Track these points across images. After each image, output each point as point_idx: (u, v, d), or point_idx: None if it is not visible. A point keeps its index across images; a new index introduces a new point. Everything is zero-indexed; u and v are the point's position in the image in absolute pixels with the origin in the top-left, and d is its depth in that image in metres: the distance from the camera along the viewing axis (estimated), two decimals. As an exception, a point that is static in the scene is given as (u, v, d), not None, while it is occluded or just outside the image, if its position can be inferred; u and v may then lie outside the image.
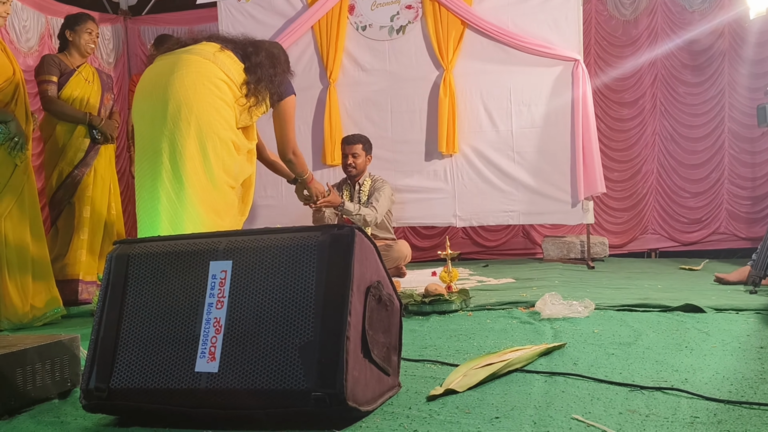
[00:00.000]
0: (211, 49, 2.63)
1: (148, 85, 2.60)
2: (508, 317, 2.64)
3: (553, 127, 4.73)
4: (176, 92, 2.49)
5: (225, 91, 2.57)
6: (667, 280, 3.82)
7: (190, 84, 2.50)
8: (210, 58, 2.59)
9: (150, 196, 2.48)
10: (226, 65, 2.61)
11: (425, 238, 5.74)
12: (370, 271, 1.49)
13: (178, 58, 2.58)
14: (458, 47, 4.81)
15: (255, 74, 2.65)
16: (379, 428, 1.33)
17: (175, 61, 2.58)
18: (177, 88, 2.49)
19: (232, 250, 1.49)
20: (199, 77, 2.52)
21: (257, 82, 2.65)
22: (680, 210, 5.62)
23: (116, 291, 1.52)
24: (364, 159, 4.44)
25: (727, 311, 2.59)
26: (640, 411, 1.39)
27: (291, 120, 2.87)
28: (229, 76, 2.60)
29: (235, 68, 2.63)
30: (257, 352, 1.37)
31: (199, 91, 2.50)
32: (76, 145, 3.65)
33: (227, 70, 2.60)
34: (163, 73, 2.57)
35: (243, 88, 2.63)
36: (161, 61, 2.64)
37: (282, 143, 2.90)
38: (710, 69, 5.51)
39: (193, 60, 2.57)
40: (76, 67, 3.70)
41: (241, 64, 2.66)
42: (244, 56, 2.68)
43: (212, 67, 2.57)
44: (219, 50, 2.63)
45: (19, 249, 3.11)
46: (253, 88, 2.64)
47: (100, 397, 1.44)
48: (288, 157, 2.96)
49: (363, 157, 4.43)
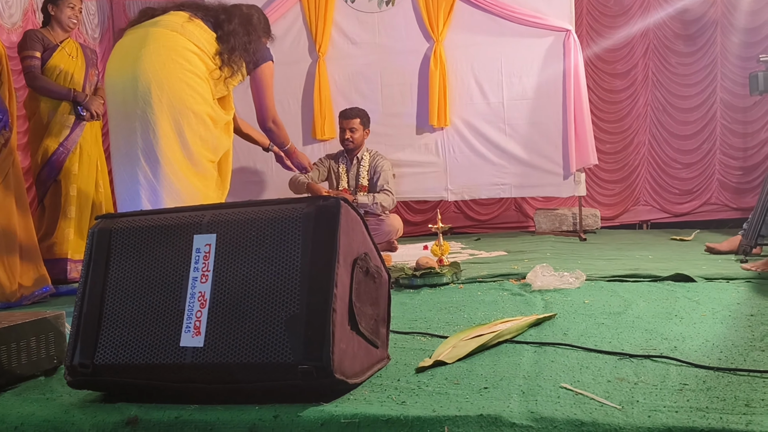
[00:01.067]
0: (179, 19, 2.54)
1: (117, 61, 2.53)
2: (499, 289, 2.64)
3: (545, 99, 4.70)
4: (145, 70, 2.42)
5: (196, 63, 2.50)
6: (658, 250, 3.82)
7: (159, 60, 2.43)
8: (178, 29, 2.50)
9: (129, 177, 2.44)
10: (195, 36, 2.52)
11: (417, 213, 5.73)
12: (357, 243, 1.47)
13: (145, 32, 2.50)
14: (448, 19, 4.74)
15: (228, 43, 2.56)
16: (368, 400, 1.32)
17: (143, 35, 2.50)
18: (146, 65, 2.42)
19: (216, 224, 1.46)
20: (167, 51, 2.45)
21: (231, 52, 2.56)
22: (672, 181, 5.61)
23: (99, 266, 1.49)
24: (362, 133, 4.42)
25: (718, 280, 2.60)
26: (628, 379, 1.39)
27: (269, 87, 2.78)
28: (200, 47, 2.52)
29: (205, 38, 2.55)
30: (243, 325, 1.36)
31: (168, 66, 2.43)
32: (60, 122, 3.59)
33: (197, 41, 2.51)
34: (131, 49, 2.49)
35: (216, 58, 2.55)
36: (129, 36, 2.56)
37: (261, 112, 2.81)
38: (702, 38, 5.47)
39: (160, 33, 2.49)
40: (60, 42, 3.63)
41: (212, 33, 2.57)
42: (216, 24, 2.59)
43: (180, 39, 2.48)
44: (187, 20, 2.54)
45: (6, 228, 3.08)
46: (227, 58, 2.56)
47: (85, 373, 1.42)
48: (267, 126, 2.87)
49: (361, 132, 4.40)
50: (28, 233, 3.22)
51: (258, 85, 2.76)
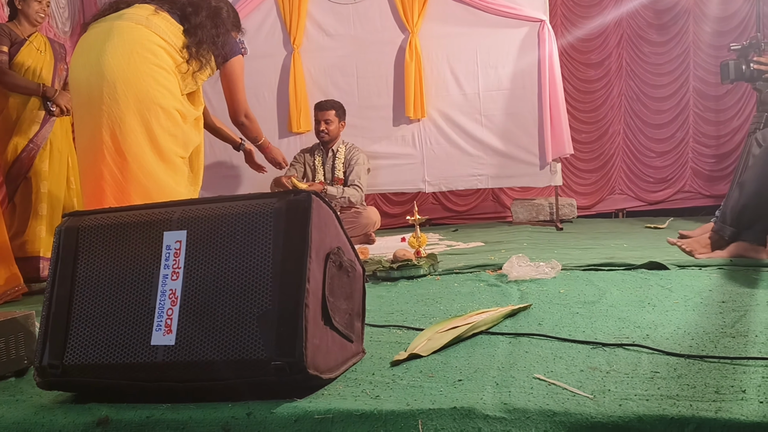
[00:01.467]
0: (145, 12, 2.49)
1: (81, 56, 2.47)
2: (475, 280, 2.64)
3: (520, 90, 4.72)
4: (110, 65, 2.37)
5: (163, 57, 2.45)
6: (633, 239, 3.87)
7: (123, 54, 2.38)
8: (143, 22, 2.45)
9: (93, 174, 2.40)
10: (161, 29, 2.47)
11: (396, 205, 5.73)
12: (330, 238, 1.46)
13: (110, 26, 2.45)
14: (423, 10, 4.74)
15: (195, 36, 2.52)
16: (342, 395, 1.32)
17: (107, 29, 2.44)
18: (110, 61, 2.37)
19: (187, 220, 1.44)
20: (132, 46, 2.40)
21: (198, 45, 2.52)
22: (646, 170, 5.68)
23: (66, 265, 1.46)
24: (338, 125, 4.41)
25: (690, 267, 2.62)
26: (601, 368, 1.40)
27: (240, 81, 2.74)
28: (166, 40, 2.47)
29: (172, 31, 2.50)
30: (215, 322, 1.34)
31: (133, 61, 2.38)
32: (30, 118, 3.53)
33: (163, 34, 2.46)
34: (95, 43, 2.44)
35: (183, 52, 2.50)
36: (94, 30, 2.50)
37: (232, 106, 2.79)
38: (675, 27, 5.52)
39: (125, 27, 2.43)
40: (27, 36, 3.56)
41: (179, 26, 2.52)
42: (183, 17, 2.54)
43: (146, 32, 2.43)
44: (153, 13, 2.49)
45: (-25, 226, 3.02)
46: (195, 51, 2.51)
47: (54, 374, 1.40)
48: (240, 120, 2.84)
49: (336, 123, 4.39)
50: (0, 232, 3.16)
51: (228, 80, 2.73)
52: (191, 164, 2.70)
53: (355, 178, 4.35)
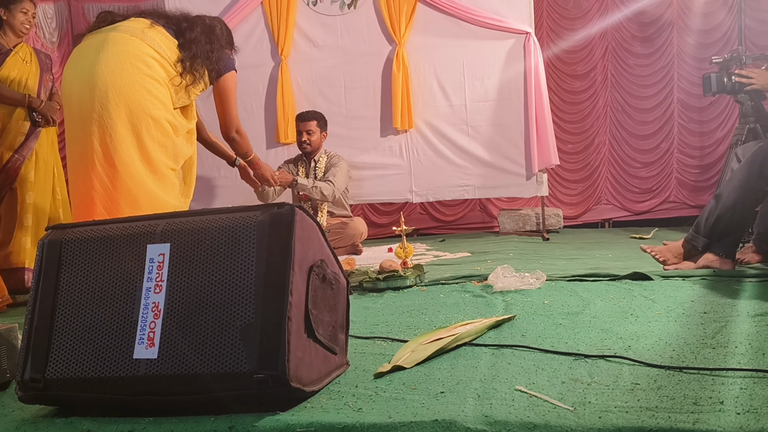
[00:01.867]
0: (140, 25, 2.52)
1: (75, 66, 2.49)
2: (461, 291, 2.65)
3: (507, 101, 4.75)
4: (102, 74, 2.38)
5: (155, 68, 2.47)
6: (618, 249, 3.89)
7: (117, 64, 2.40)
8: (138, 35, 2.48)
9: (83, 183, 2.40)
10: (156, 42, 2.49)
11: (383, 215, 5.74)
12: (313, 250, 1.47)
13: (104, 37, 2.47)
14: (410, 21, 4.77)
15: (189, 50, 2.55)
16: (324, 408, 1.32)
17: (102, 40, 2.46)
18: (103, 70, 2.39)
19: (170, 233, 1.44)
20: (125, 56, 2.41)
21: (192, 59, 2.55)
22: (632, 180, 5.72)
23: (49, 278, 1.46)
24: (319, 136, 4.42)
25: (674, 278, 2.65)
26: (582, 379, 1.41)
27: (232, 97, 2.77)
28: (160, 53, 2.49)
29: (167, 45, 2.52)
30: (198, 336, 1.34)
31: (126, 70, 2.40)
32: (15, 129, 3.52)
33: (157, 47, 2.49)
34: (88, 53, 2.45)
35: (177, 65, 2.53)
36: (88, 41, 2.52)
37: (224, 122, 2.82)
38: (659, 40, 5.59)
39: (119, 38, 2.46)
40: (12, 47, 3.55)
41: (174, 40, 2.55)
42: (178, 32, 2.57)
43: (140, 44, 2.46)
44: (149, 26, 2.52)
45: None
46: (189, 65, 2.54)
47: (36, 387, 1.39)
48: (231, 136, 2.87)
49: (318, 134, 4.40)
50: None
51: (221, 95, 2.75)
52: (184, 176, 2.71)
53: (330, 176, 4.33)
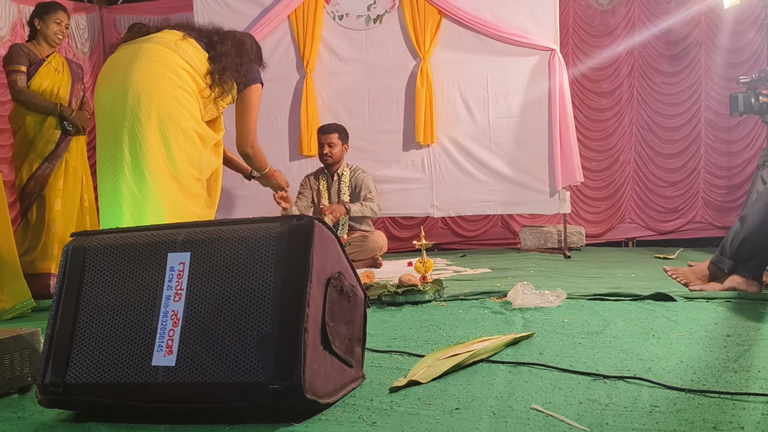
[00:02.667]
0: (173, 37, 2.58)
1: (108, 75, 2.55)
2: (480, 307, 2.64)
3: (530, 117, 4.74)
4: (135, 83, 2.44)
5: (186, 80, 2.52)
6: (641, 268, 3.84)
7: (150, 74, 2.45)
8: (171, 46, 2.54)
9: (112, 189, 2.44)
10: (188, 54, 2.55)
11: (404, 229, 5.74)
12: (331, 262, 1.48)
13: (138, 47, 2.53)
14: (435, 37, 4.79)
15: (219, 63, 2.60)
16: (339, 421, 1.32)
17: (136, 50, 2.53)
18: (136, 79, 2.44)
19: (191, 242, 1.46)
20: (159, 66, 2.47)
21: (222, 72, 2.60)
22: (657, 199, 5.66)
23: (72, 284, 1.49)
24: (341, 148, 4.45)
25: (698, 300, 2.60)
26: (600, 400, 1.39)
27: (253, 110, 2.79)
28: (192, 65, 2.55)
29: (198, 57, 2.58)
30: (215, 345, 1.35)
31: (158, 80, 2.45)
32: (46, 137, 3.59)
33: (189, 59, 2.54)
34: (122, 62, 2.52)
35: (207, 78, 2.58)
36: (122, 51, 2.59)
37: (241, 135, 2.82)
38: (687, 58, 5.53)
39: (153, 49, 2.52)
40: (46, 56, 3.64)
41: (204, 53, 2.61)
42: (209, 45, 2.63)
43: (173, 55, 2.52)
44: (181, 39, 2.58)
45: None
46: (218, 78, 2.59)
47: (56, 392, 1.41)
48: (245, 151, 2.87)
49: (339, 147, 4.43)
50: (8, 247, 3.20)
51: (243, 107, 2.77)
52: (209, 188, 2.75)
53: (366, 192, 4.40)
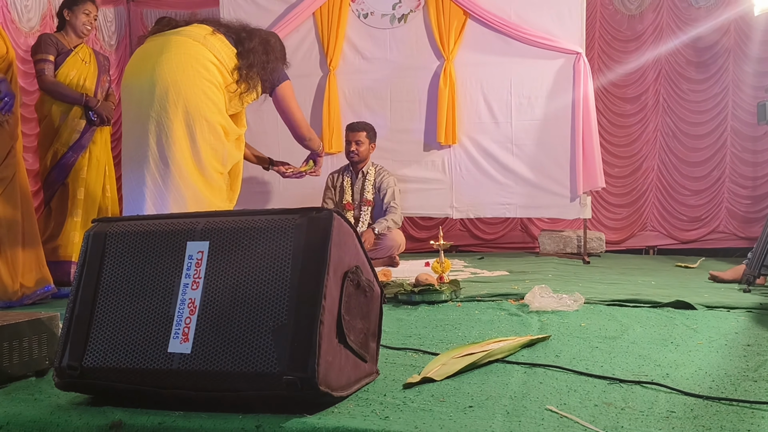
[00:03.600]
0: (203, 31, 2.61)
1: (137, 65, 2.59)
2: (496, 309, 2.63)
3: (553, 121, 4.70)
4: (164, 74, 2.47)
5: (214, 73, 2.55)
6: (661, 276, 3.80)
7: (178, 65, 2.48)
8: (200, 40, 2.57)
9: (136, 178, 2.48)
10: (216, 48, 2.58)
11: (423, 229, 5.72)
12: (349, 256, 1.48)
13: (167, 39, 2.57)
14: (460, 37, 4.77)
15: (247, 59, 2.64)
16: (351, 414, 1.32)
17: (165, 41, 2.56)
18: (165, 70, 2.47)
19: (210, 231, 1.47)
20: (187, 59, 2.50)
21: (249, 68, 2.64)
22: (680, 208, 5.58)
23: (92, 269, 1.50)
24: (368, 147, 4.45)
25: (718, 309, 2.57)
26: (616, 404, 1.37)
27: (294, 103, 2.90)
28: (219, 59, 2.58)
29: (226, 52, 2.61)
30: (231, 334, 1.36)
31: (187, 72, 2.48)
32: (71, 126, 3.63)
33: (217, 53, 2.58)
34: (151, 54, 2.55)
35: (234, 73, 2.62)
36: (151, 42, 2.62)
37: (295, 129, 2.97)
38: (715, 66, 5.46)
39: (183, 41, 2.55)
40: (73, 47, 3.68)
41: (233, 48, 2.64)
42: (237, 41, 2.67)
43: (202, 48, 2.55)
44: (210, 33, 2.61)
45: (10, 229, 3.11)
46: (245, 73, 2.63)
47: (73, 375, 1.43)
48: (306, 137, 3.05)
49: (366, 145, 4.43)
50: (33, 234, 3.25)
51: (283, 105, 2.88)
52: (230, 182, 2.79)
53: (390, 200, 4.40)
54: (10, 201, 3.10)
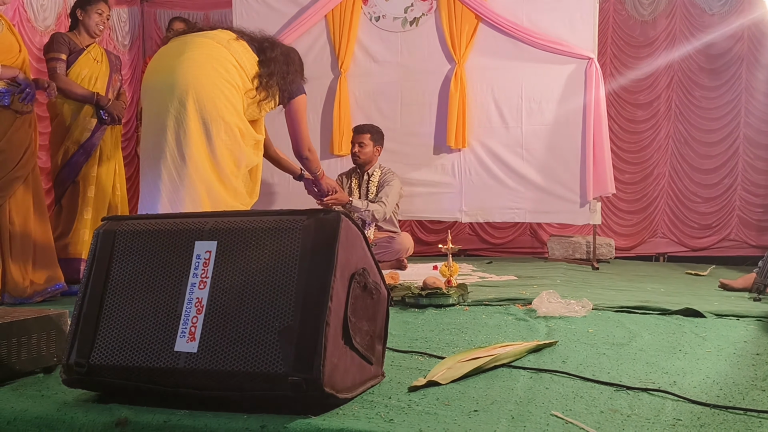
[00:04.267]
0: (226, 36, 2.67)
1: (158, 64, 2.63)
2: (503, 313, 2.62)
3: (564, 126, 4.68)
4: (185, 73, 2.50)
5: (234, 76, 2.58)
6: (671, 284, 3.77)
7: (200, 65, 2.52)
8: (223, 43, 2.61)
9: (152, 173, 2.50)
10: (238, 53, 2.63)
11: (431, 233, 5.72)
12: (356, 258, 1.48)
13: (190, 39, 2.61)
14: (471, 41, 4.77)
15: (268, 68, 2.68)
16: (356, 416, 1.32)
17: (188, 41, 2.60)
18: (186, 69, 2.50)
19: (218, 231, 1.47)
20: (209, 59, 2.54)
21: (269, 77, 2.68)
22: (691, 215, 5.55)
23: (101, 267, 1.51)
24: (372, 149, 4.44)
25: (728, 317, 2.55)
26: (622, 411, 1.37)
27: (304, 118, 2.92)
28: (240, 64, 2.62)
29: (247, 58, 2.65)
30: (237, 334, 1.36)
31: (207, 72, 2.52)
32: (82, 125, 3.65)
33: (239, 58, 2.62)
34: (173, 53, 2.59)
35: (255, 81, 2.65)
36: (174, 42, 2.67)
37: (297, 142, 2.95)
38: (727, 73, 5.42)
39: (206, 42, 2.59)
40: (86, 46, 3.71)
41: (255, 56, 2.68)
42: (260, 49, 2.71)
43: (224, 51, 2.59)
44: (234, 39, 2.67)
45: (23, 226, 3.14)
46: (265, 81, 2.67)
47: (80, 372, 1.43)
48: (304, 155, 3.01)
49: (371, 147, 4.42)
50: (44, 232, 3.28)
51: (293, 117, 2.88)
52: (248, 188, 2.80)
53: (383, 196, 4.36)
54: (25, 198, 3.14)
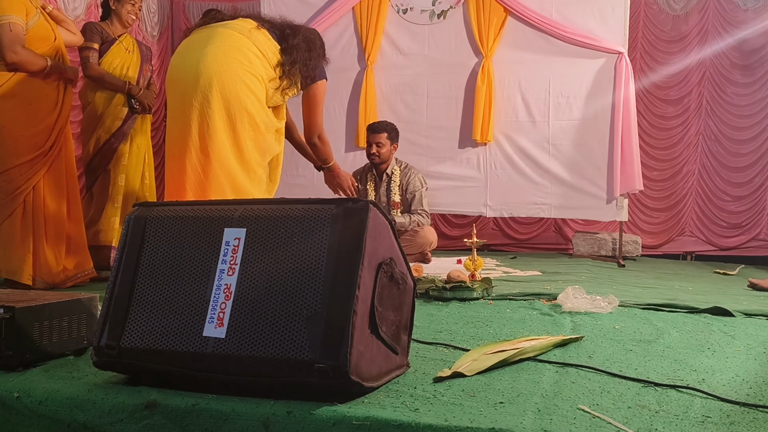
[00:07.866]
0: (248, 25, 2.66)
1: (182, 56, 2.64)
2: (528, 308, 2.60)
3: (592, 121, 4.64)
4: (208, 65, 2.51)
5: (257, 66, 2.59)
6: (699, 282, 3.72)
7: (223, 57, 2.52)
8: (245, 33, 2.61)
9: (177, 168, 2.52)
10: (260, 42, 2.62)
11: (455, 227, 5.71)
12: (384, 248, 1.48)
13: (213, 32, 2.61)
14: (499, 35, 4.74)
15: (290, 56, 2.68)
16: (381, 404, 1.32)
17: (210, 33, 2.61)
18: (209, 61, 2.51)
19: (247, 218, 1.49)
20: (231, 50, 2.55)
21: (292, 64, 2.67)
22: (720, 213, 5.46)
23: (132, 252, 1.53)
24: (389, 148, 4.34)
25: (757, 317, 2.51)
26: (650, 407, 1.35)
27: (320, 104, 2.89)
28: (263, 53, 2.62)
29: (269, 47, 2.65)
30: (264, 320, 1.37)
31: (231, 65, 2.53)
32: (114, 114, 3.70)
33: (261, 47, 2.62)
34: (196, 45, 2.60)
35: (277, 69, 2.65)
36: (197, 34, 2.68)
37: (309, 126, 2.93)
38: (761, 70, 5.32)
39: (228, 34, 2.60)
40: (117, 36, 3.75)
41: (277, 44, 2.68)
42: (281, 37, 2.70)
43: (246, 42, 2.59)
44: (255, 28, 2.66)
45: (56, 213, 3.19)
46: (288, 69, 2.67)
47: (110, 354, 1.46)
48: (313, 141, 2.98)
49: (388, 146, 4.32)
50: (77, 219, 3.33)
51: (311, 101, 2.86)
52: (270, 174, 2.81)
53: (417, 206, 4.32)
54: (57, 183, 3.18)
